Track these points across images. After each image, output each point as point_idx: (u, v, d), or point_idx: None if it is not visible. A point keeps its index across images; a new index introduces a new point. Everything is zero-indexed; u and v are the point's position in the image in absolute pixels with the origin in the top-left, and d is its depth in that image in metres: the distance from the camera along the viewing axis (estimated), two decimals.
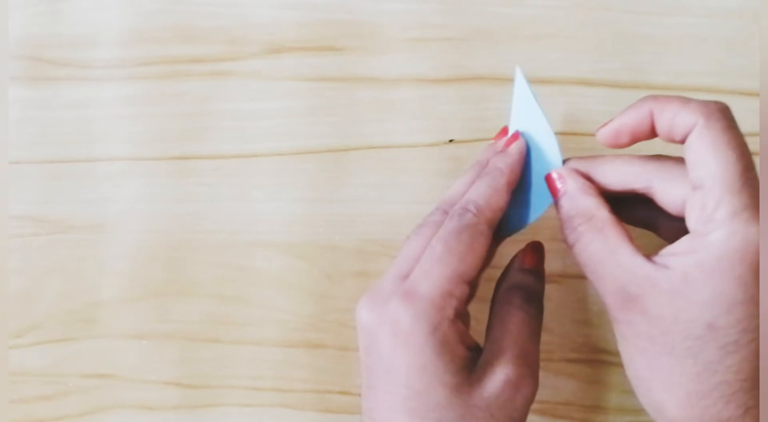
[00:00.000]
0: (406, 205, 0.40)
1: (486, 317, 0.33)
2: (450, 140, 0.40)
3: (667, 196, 0.29)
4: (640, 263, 0.28)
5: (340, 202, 0.41)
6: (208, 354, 0.41)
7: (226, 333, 0.41)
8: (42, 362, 0.41)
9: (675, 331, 0.27)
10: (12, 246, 0.41)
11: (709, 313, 0.26)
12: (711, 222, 0.27)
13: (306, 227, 0.41)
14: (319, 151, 0.41)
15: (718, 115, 0.28)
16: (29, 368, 0.41)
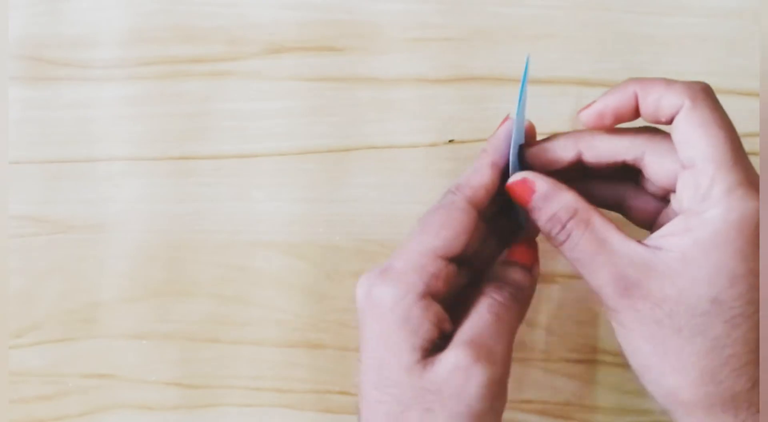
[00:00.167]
0: (406, 205, 0.40)
1: None
2: (450, 140, 0.40)
3: (660, 168, 0.30)
4: (634, 247, 0.28)
5: (340, 202, 0.41)
6: (208, 354, 0.41)
7: (226, 333, 0.41)
8: (42, 362, 0.41)
9: (680, 311, 0.27)
10: (12, 246, 0.41)
11: (713, 288, 0.27)
12: (707, 200, 0.27)
13: (306, 227, 0.41)
14: (319, 151, 0.41)
15: (703, 95, 0.28)
16: (29, 368, 0.41)
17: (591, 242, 0.29)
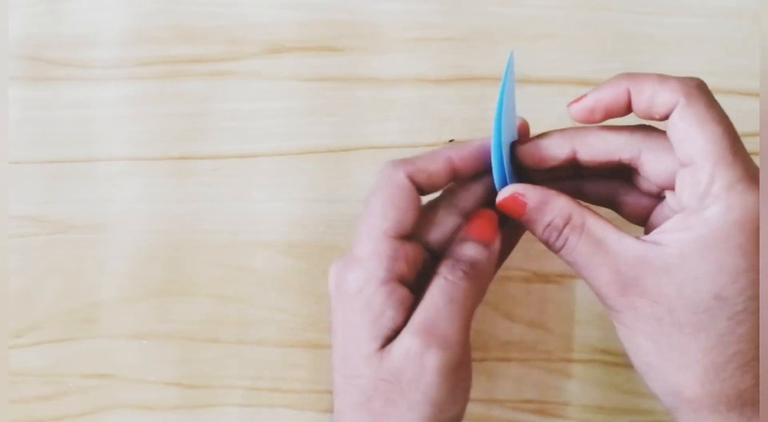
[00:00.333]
0: None
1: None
2: (450, 140, 0.40)
3: (657, 166, 0.29)
4: (630, 243, 0.28)
5: (340, 202, 0.41)
6: (208, 354, 0.41)
7: (226, 333, 0.41)
8: (42, 362, 0.41)
9: (681, 308, 0.27)
10: (12, 246, 0.41)
11: (715, 285, 0.27)
12: (707, 197, 0.27)
13: (306, 227, 0.41)
14: (319, 151, 0.41)
15: (697, 92, 0.28)
16: (29, 368, 0.41)
17: (588, 244, 0.29)
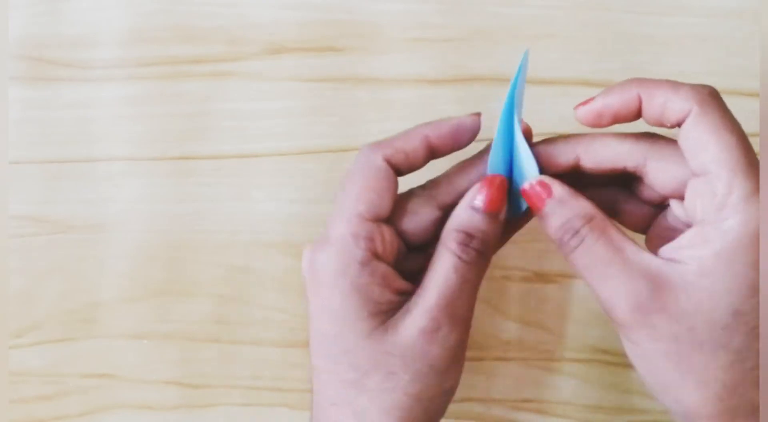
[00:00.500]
0: None
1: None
2: None
3: (664, 175, 0.29)
4: (649, 259, 0.27)
5: None
6: (208, 354, 0.41)
7: (226, 333, 0.41)
8: (42, 362, 0.41)
9: (700, 325, 0.26)
10: (12, 246, 0.41)
11: (733, 300, 0.26)
12: (724, 208, 0.26)
13: (306, 227, 0.41)
14: (319, 151, 0.41)
15: (711, 99, 0.27)
16: (29, 368, 0.41)
17: (605, 248, 0.28)
